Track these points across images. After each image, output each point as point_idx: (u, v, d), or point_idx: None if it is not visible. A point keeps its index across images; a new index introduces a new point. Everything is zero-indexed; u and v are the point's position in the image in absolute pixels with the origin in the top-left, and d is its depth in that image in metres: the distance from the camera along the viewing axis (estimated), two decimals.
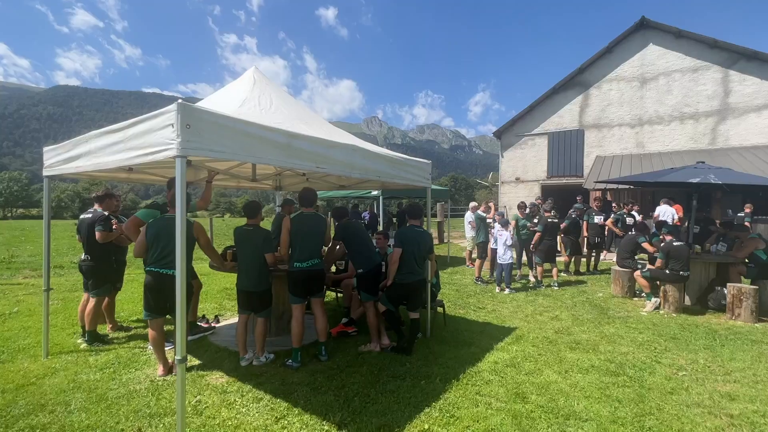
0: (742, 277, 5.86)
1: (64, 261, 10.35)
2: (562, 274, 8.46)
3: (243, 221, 3.98)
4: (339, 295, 6.25)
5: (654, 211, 10.55)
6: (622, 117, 16.07)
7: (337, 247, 4.41)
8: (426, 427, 2.72)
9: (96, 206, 4.57)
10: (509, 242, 6.75)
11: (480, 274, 7.92)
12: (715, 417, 2.83)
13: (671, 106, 15.21)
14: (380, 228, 10.37)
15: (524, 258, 8.16)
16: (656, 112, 15.48)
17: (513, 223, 7.49)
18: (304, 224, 3.72)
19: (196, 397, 3.12)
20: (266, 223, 5.01)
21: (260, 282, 3.72)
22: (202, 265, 7.55)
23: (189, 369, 3.66)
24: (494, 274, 7.41)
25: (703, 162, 6.07)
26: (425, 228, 4.27)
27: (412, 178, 4.28)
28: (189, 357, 3.96)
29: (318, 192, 9.64)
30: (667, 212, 9.96)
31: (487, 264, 7.83)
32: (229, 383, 3.39)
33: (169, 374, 3.54)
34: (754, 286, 5.21)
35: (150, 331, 3.57)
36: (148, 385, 3.31)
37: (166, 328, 4.07)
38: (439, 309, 5.12)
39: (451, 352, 4.15)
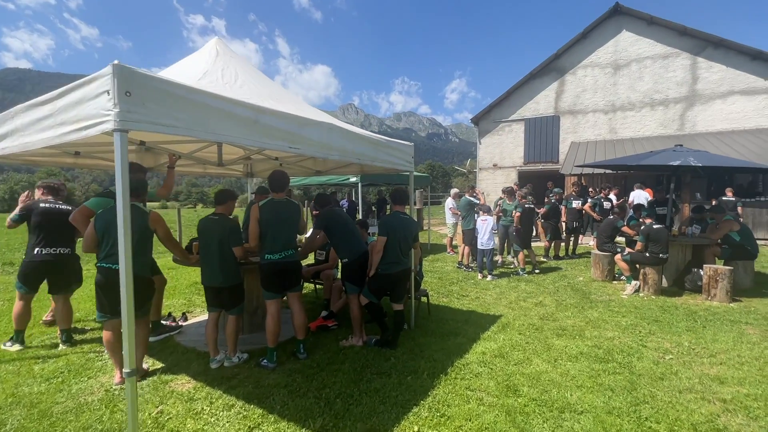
0: (717, 258, 5.98)
1: (15, 258, 9.51)
2: (542, 258, 8.48)
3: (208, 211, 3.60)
4: (318, 286, 5.96)
5: (628, 195, 10.76)
6: (597, 103, 16.29)
7: (318, 236, 4.10)
8: (415, 429, 2.51)
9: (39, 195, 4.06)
10: (495, 228, 6.63)
11: (463, 260, 7.80)
12: (709, 403, 2.76)
13: (642, 93, 15.52)
14: (359, 217, 10.07)
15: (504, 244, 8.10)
16: (628, 99, 15.77)
17: (497, 210, 7.37)
18: (275, 212, 3.38)
19: (157, 407, 2.78)
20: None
21: (229, 276, 3.38)
22: (165, 259, 7.05)
23: (151, 374, 3.30)
24: (476, 260, 7.30)
25: (681, 145, 6.10)
26: (410, 215, 4.02)
27: (395, 162, 4.00)
28: (152, 361, 3.59)
29: (293, 179, 9.24)
30: (640, 196, 10.16)
31: (467, 250, 7.71)
32: (197, 389, 3.06)
33: None
34: (729, 267, 5.31)
35: (105, 334, 3.18)
36: (102, 395, 2.94)
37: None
38: (423, 298, 4.93)
39: (437, 343, 3.97)
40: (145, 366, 3.38)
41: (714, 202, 8.80)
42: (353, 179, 8.07)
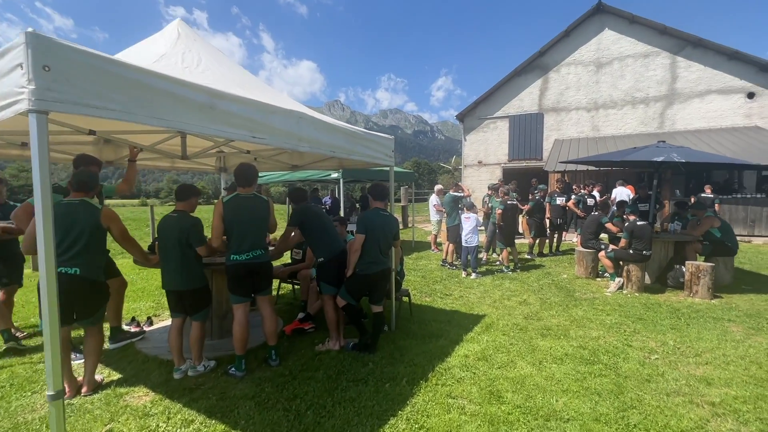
0: (698, 255, 5.98)
1: None
2: (527, 256, 8.42)
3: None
4: (296, 287, 5.71)
5: (610, 192, 10.82)
6: (579, 101, 16.40)
7: (292, 234, 3.86)
8: None
9: None
10: (479, 225, 6.50)
11: (447, 258, 7.66)
12: (697, 406, 2.65)
13: (624, 91, 15.69)
14: (342, 215, 9.81)
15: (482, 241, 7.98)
16: (610, 97, 15.92)
17: (485, 208, 7.23)
18: (241, 208, 3.12)
19: (106, 425, 2.50)
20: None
21: (191, 279, 3.11)
22: (126, 259, 6.65)
23: (105, 386, 3.01)
24: (460, 258, 7.16)
25: (664, 141, 6.07)
26: (390, 212, 3.81)
27: (373, 155, 3.78)
28: (108, 371, 3.29)
29: (271, 174, 8.91)
30: (622, 193, 10.22)
31: (451, 247, 7.56)
32: (155, 403, 2.79)
33: (77, 395, 2.88)
34: (711, 264, 5.29)
35: None
36: (44, 413, 2.64)
37: (75, 334, 3.39)
38: (405, 298, 4.74)
39: (419, 346, 3.78)
40: (98, 377, 3.08)
41: (693, 200, 8.89)
42: (335, 175, 7.80)
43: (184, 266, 3.07)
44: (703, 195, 10.11)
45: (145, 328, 4.29)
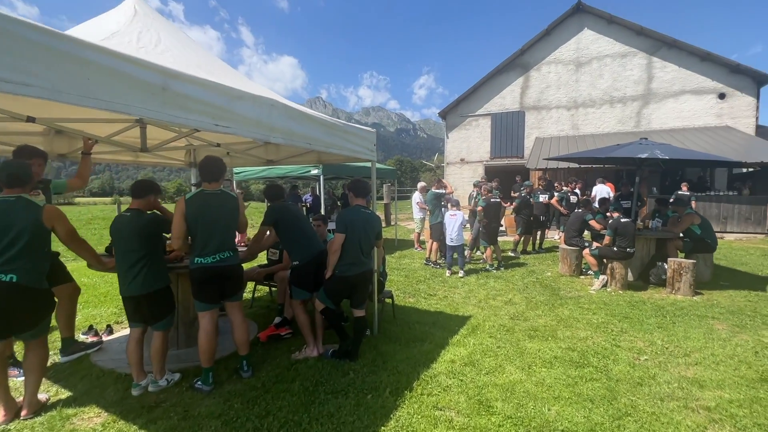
0: (679, 252, 6.01)
1: None
2: (510, 253, 8.35)
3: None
4: (273, 289, 5.41)
5: (590, 190, 10.92)
6: (560, 99, 16.58)
7: (267, 233, 3.57)
8: None
9: None
10: (465, 223, 6.36)
11: (430, 256, 7.49)
12: (693, 411, 2.55)
13: (602, 90, 15.95)
14: (323, 213, 9.50)
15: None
16: (589, 96, 16.15)
17: (471, 205, 7.09)
18: (207, 206, 2.83)
19: None
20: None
21: (148, 281, 2.79)
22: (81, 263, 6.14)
23: (51, 407, 2.67)
24: (444, 256, 7.00)
25: (646, 138, 6.07)
26: (372, 209, 3.58)
27: (354, 149, 3.53)
28: (55, 388, 2.94)
29: (248, 171, 8.51)
30: (602, 191, 10.32)
31: (435, 245, 7.40)
32: (107, 425, 2.47)
33: (14, 419, 2.53)
34: (692, 261, 5.31)
35: None
36: None
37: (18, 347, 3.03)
38: (387, 300, 4.52)
39: (402, 351, 3.58)
40: (43, 397, 2.73)
41: (672, 198, 9.04)
42: (315, 171, 7.50)
43: (140, 269, 2.75)
44: (679, 192, 10.33)
45: (104, 338, 3.92)
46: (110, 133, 3.46)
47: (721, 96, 14.32)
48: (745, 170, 13.52)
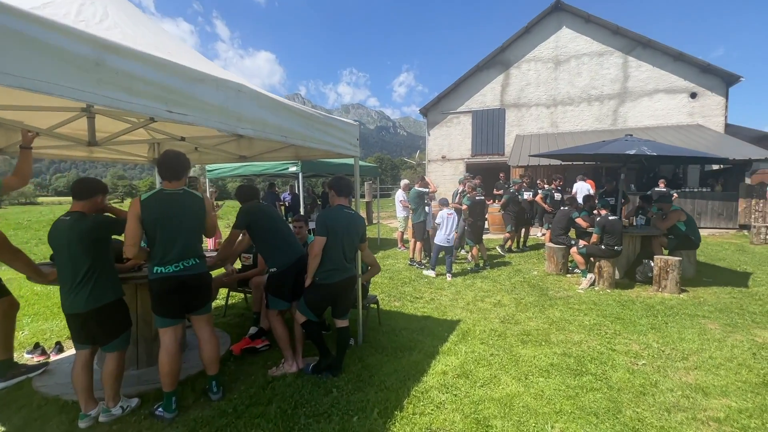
0: (663, 249, 6.00)
1: None
2: (498, 250, 8.20)
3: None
4: (249, 295, 5.03)
5: (571, 188, 10.96)
6: (539, 97, 16.67)
7: (239, 237, 3.22)
8: None
9: None
10: (456, 224, 6.15)
11: (414, 256, 7.26)
12: (703, 424, 2.39)
13: (580, 88, 16.12)
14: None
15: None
16: (568, 94, 16.31)
17: (454, 203, 6.89)
18: (166, 208, 2.46)
19: None
20: None
21: (96, 295, 2.40)
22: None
23: None
24: (429, 256, 6.76)
25: (631, 135, 6.02)
26: (355, 210, 3.27)
27: (335, 143, 3.21)
28: None
29: (222, 168, 7.99)
30: (582, 188, 10.36)
31: (419, 245, 7.16)
32: None
33: None
34: (678, 258, 5.27)
35: None
36: None
37: None
38: (373, 305, 4.24)
39: (390, 363, 3.30)
40: None
41: (650, 193, 9.13)
42: (293, 169, 7.10)
43: (85, 280, 2.36)
44: (656, 189, 10.49)
45: (52, 356, 3.46)
46: (53, 125, 3.02)
47: (693, 95, 14.72)
48: (715, 167, 13.96)
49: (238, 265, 4.53)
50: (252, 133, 2.27)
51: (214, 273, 4.31)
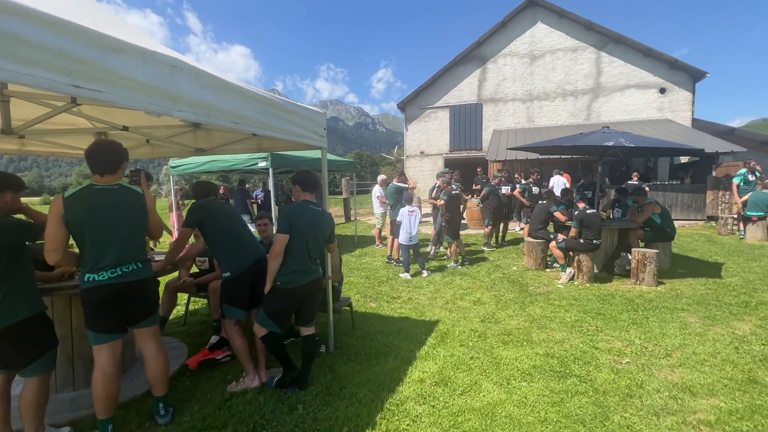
0: (639, 241, 5.99)
1: None
2: (483, 248, 8.06)
3: None
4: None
5: (547, 182, 10.99)
6: (516, 92, 16.72)
7: (190, 237, 2.87)
8: None
9: None
10: (419, 220, 5.94)
11: (392, 254, 7.02)
12: (694, 429, 2.25)
13: (556, 84, 16.27)
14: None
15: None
16: (543, 89, 16.42)
17: (431, 199, 6.68)
18: (98, 206, 2.11)
19: None
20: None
21: (7, 311, 2.03)
22: None
23: None
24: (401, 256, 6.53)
25: (608, 127, 5.96)
26: (322, 207, 2.98)
27: (298, 132, 2.91)
28: None
29: (186, 163, 7.45)
30: (559, 182, 10.40)
31: (396, 242, 6.93)
32: None
33: None
34: (655, 250, 5.24)
35: None
36: None
37: None
38: (346, 308, 3.97)
39: (363, 372, 3.04)
40: None
41: (625, 186, 9.22)
42: (263, 164, 6.69)
43: None
44: (630, 182, 10.64)
45: None
46: None
47: (662, 91, 15.09)
48: (684, 160, 14.39)
49: (195, 269, 4.15)
50: (192, 117, 1.94)
51: (168, 277, 3.95)
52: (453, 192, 6.64)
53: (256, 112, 2.40)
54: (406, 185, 7.08)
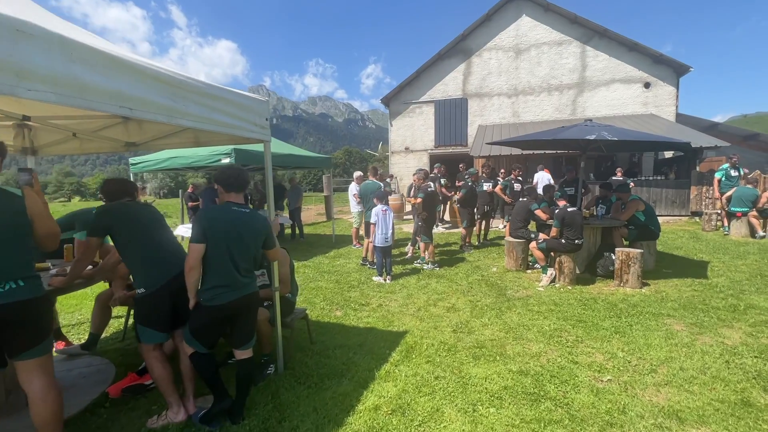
0: (624, 240, 5.71)
1: None
2: (463, 251, 7.70)
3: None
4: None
5: (532, 177, 10.73)
6: (501, 87, 16.43)
7: (89, 246, 2.42)
8: None
9: None
10: (393, 220, 5.55)
11: (367, 255, 6.63)
12: None
13: (541, 78, 16.02)
14: None
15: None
16: (529, 83, 16.17)
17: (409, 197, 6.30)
18: None
19: None
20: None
21: None
22: None
23: None
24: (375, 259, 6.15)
25: (591, 120, 5.65)
26: (251, 207, 2.56)
27: (230, 123, 2.47)
28: None
29: (145, 161, 6.88)
30: (543, 178, 10.14)
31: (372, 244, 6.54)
32: None
33: None
34: (640, 250, 4.96)
35: None
36: None
37: None
38: (301, 319, 3.56)
39: (310, 398, 2.65)
40: None
41: (609, 182, 8.98)
42: (226, 161, 6.20)
43: None
44: (614, 178, 10.43)
45: None
46: None
47: (647, 85, 14.96)
48: (668, 155, 14.29)
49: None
50: (53, 99, 1.50)
51: (98, 288, 3.49)
52: (429, 189, 6.27)
53: (161, 97, 1.96)
54: (387, 184, 6.68)
